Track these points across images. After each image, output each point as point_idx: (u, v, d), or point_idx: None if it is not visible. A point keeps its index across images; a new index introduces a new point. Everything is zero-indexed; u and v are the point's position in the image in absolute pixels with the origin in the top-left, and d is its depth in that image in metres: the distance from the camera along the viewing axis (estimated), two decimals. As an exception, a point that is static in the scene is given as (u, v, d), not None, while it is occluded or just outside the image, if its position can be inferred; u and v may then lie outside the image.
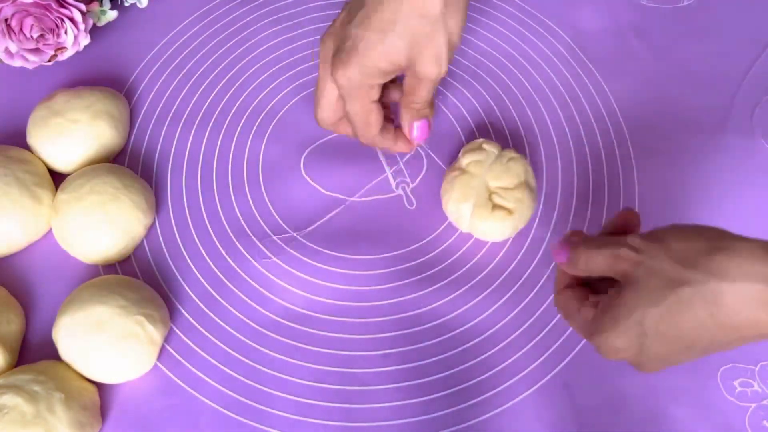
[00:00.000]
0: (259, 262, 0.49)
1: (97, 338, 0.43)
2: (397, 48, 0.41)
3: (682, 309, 0.32)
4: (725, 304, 0.31)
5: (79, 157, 0.52)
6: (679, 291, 0.32)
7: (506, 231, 0.48)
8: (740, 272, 0.31)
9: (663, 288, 0.32)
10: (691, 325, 0.32)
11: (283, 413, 0.44)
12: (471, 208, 0.48)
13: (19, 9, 0.53)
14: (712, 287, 0.31)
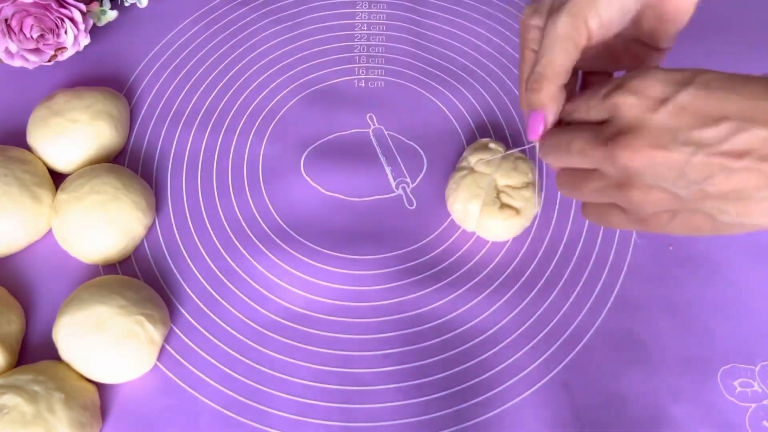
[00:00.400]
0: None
1: (97, 338, 0.43)
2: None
3: (741, 82, 0.30)
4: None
5: (79, 157, 0.52)
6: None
7: (513, 230, 0.49)
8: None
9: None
10: (741, 96, 0.30)
11: (283, 413, 0.44)
12: (479, 206, 0.48)
13: (19, 9, 0.53)
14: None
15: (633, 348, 0.46)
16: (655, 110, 0.30)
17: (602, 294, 0.48)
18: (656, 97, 0.30)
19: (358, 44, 0.60)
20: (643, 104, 0.31)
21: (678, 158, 0.30)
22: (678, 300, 0.48)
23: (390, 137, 0.55)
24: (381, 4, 0.62)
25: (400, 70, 0.59)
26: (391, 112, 0.56)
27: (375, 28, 0.61)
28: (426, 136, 0.55)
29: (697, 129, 0.30)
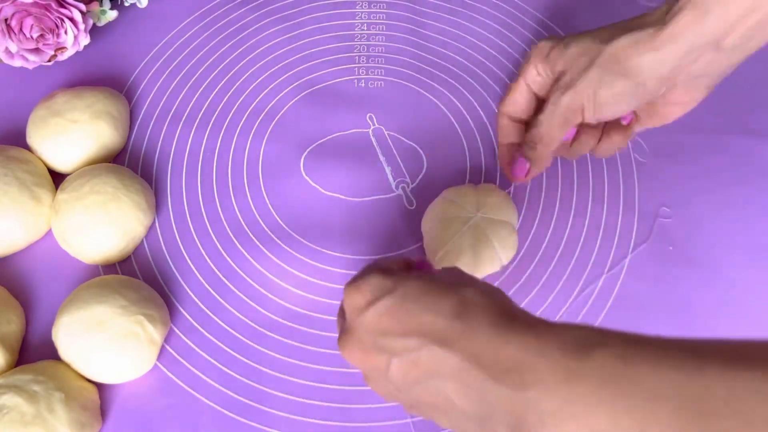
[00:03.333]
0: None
1: (97, 338, 0.43)
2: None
3: (444, 298, 0.32)
4: (472, 321, 0.31)
5: (79, 157, 0.52)
6: (456, 289, 0.32)
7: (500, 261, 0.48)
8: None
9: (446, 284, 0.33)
10: (436, 314, 0.31)
11: (283, 413, 0.44)
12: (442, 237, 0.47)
13: (19, 9, 0.53)
14: (468, 298, 0.32)
15: (633, 348, 0.46)
16: (362, 313, 0.33)
17: (602, 294, 0.48)
18: (366, 300, 0.33)
19: (358, 44, 0.60)
20: (356, 305, 0.33)
21: (380, 362, 0.32)
22: (678, 300, 0.48)
23: (390, 137, 0.55)
24: (381, 4, 0.62)
25: (400, 70, 0.59)
26: (391, 112, 0.56)
27: (375, 28, 0.61)
28: (426, 136, 0.55)
29: (391, 337, 0.32)
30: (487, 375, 0.28)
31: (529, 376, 0.27)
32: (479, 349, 0.29)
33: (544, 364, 0.27)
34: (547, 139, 0.43)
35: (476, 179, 0.53)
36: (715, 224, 0.51)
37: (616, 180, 0.53)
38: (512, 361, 0.28)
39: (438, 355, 0.30)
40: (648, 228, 0.51)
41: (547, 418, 0.26)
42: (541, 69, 0.43)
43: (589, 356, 0.26)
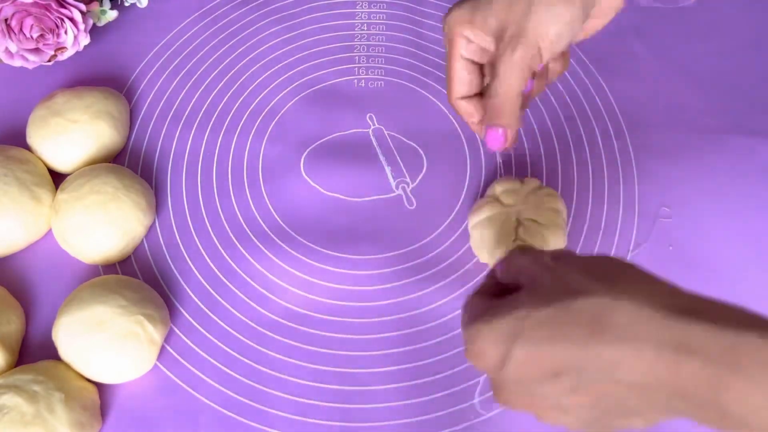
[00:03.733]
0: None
1: (97, 338, 0.43)
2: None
3: (568, 316, 0.30)
4: (611, 323, 0.29)
5: (79, 157, 0.52)
6: (574, 298, 0.30)
7: None
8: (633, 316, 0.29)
9: (560, 293, 0.31)
10: (567, 341, 0.30)
11: (283, 413, 0.44)
12: (494, 236, 0.46)
13: (19, 9, 0.53)
14: (605, 301, 0.29)
15: (633, 348, 0.46)
16: (502, 371, 0.31)
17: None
18: (498, 356, 0.31)
19: (358, 44, 0.60)
20: (490, 365, 0.32)
21: (546, 403, 0.31)
22: (678, 300, 0.48)
23: (390, 137, 0.55)
24: (381, 4, 0.62)
25: (400, 70, 0.59)
26: (391, 112, 0.56)
27: (375, 28, 0.61)
28: (426, 136, 0.55)
29: (539, 383, 0.31)
30: (659, 395, 0.28)
31: (726, 395, 0.26)
32: (630, 371, 0.28)
33: (741, 382, 0.26)
34: (511, 94, 0.40)
35: (476, 179, 0.53)
36: (715, 224, 0.51)
37: (616, 180, 0.53)
38: (696, 379, 0.27)
39: (593, 384, 0.29)
40: (648, 228, 0.51)
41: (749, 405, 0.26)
42: (471, 35, 0.41)
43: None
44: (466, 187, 0.53)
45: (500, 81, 0.40)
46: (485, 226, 0.47)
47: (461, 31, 0.41)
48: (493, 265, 0.37)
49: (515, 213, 0.47)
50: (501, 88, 0.40)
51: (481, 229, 0.47)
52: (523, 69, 0.40)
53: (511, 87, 0.40)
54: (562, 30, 0.39)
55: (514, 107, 0.41)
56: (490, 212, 0.47)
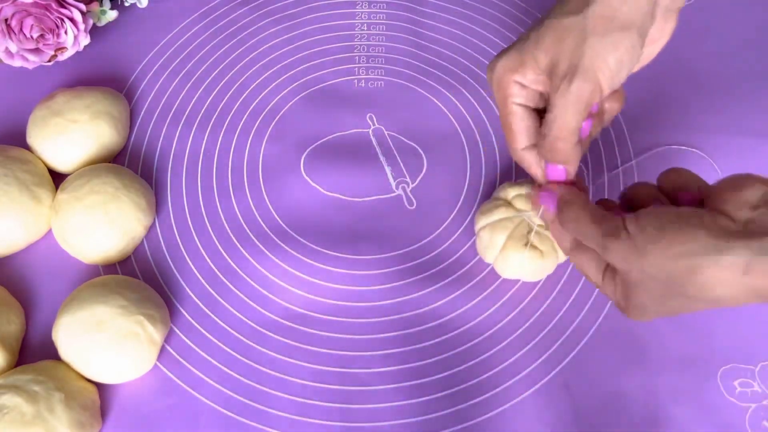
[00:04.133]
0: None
1: (97, 338, 0.43)
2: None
3: (688, 308, 0.34)
4: (723, 304, 0.33)
5: (79, 157, 0.52)
6: (679, 300, 0.33)
7: (531, 272, 0.47)
8: (726, 288, 0.31)
9: (663, 296, 0.34)
10: (702, 309, 0.34)
11: (283, 413, 0.44)
12: (505, 238, 0.46)
13: (19, 9, 0.53)
14: (707, 297, 0.32)
15: (633, 348, 0.46)
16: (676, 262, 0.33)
17: (602, 294, 0.48)
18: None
19: (358, 44, 0.60)
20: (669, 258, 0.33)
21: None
22: (678, 300, 0.48)
23: (390, 137, 0.55)
24: (381, 4, 0.62)
25: (400, 70, 0.59)
26: (391, 112, 0.56)
27: (375, 28, 0.61)
28: (426, 136, 0.55)
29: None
30: None
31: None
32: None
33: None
34: (567, 133, 0.38)
35: (476, 179, 0.53)
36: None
37: (617, 180, 0.53)
38: None
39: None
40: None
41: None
42: (524, 79, 0.39)
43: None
44: (466, 187, 0.53)
45: (554, 116, 0.37)
46: (496, 229, 0.47)
47: (512, 77, 0.39)
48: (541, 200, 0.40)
49: (527, 218, 0.47)
50: (555, 123, 0.38)
51: (491, 232, 0.47)
52: (580, 103, 0.37)
53: (566, 123, 0.37)
54: (623, 58, 0.36)
55: (570, 145, 0.38)
56: (501, 216, 0.47)
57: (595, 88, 0.37)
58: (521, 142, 0.40)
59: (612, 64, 0.36)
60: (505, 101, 0.40)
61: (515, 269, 0.47)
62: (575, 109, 0.37)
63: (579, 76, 0.36)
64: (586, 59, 0.36)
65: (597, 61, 0.36)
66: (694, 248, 0.32)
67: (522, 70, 0.38)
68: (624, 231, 0.34)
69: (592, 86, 0.36)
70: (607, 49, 0.36)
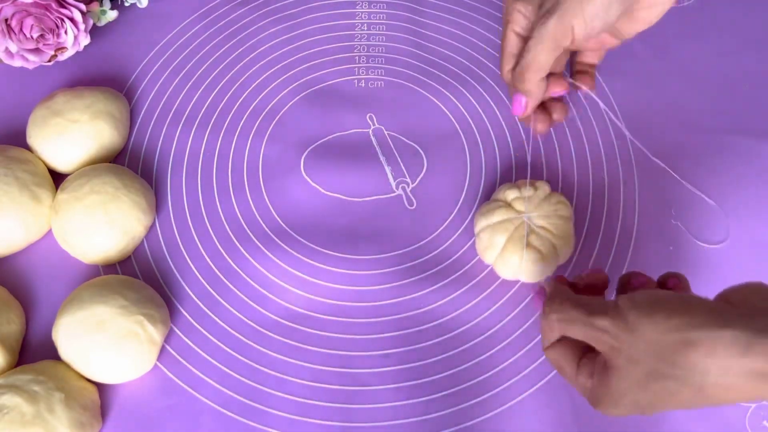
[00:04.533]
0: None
1: (97, 338, 0.43)
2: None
3: (671, 396, 0.31)
4: (710, 395, 0.30)
5: (79, 157, 0.52)
6: (664, 383, 0.31)
7: (531, 273, 0.47)
8: (720, 370, 0.29)
9: (648, 378, 0.32)
10: (684, 404, 0.32)
11: (283, 413, 0.44)
12: (505, 238, 0.46)
13: (19, 9, 0.53)
14: (696, 381, 0.30)
15: (633, 348, 0.46)
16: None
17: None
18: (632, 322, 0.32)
19: (358, 44, 0.60)
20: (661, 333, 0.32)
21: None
22: (678, 300, 0.48)
23: (390, 137, 0.55)
24: (381, 4, 0.62)
25: (400, 70, 0.59)
26: (391, 112, 0.56)
27: (375, 28, 0.61)
28: (426, 136, 0.55)
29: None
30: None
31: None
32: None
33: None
34: (536, 65, 0.42)
35: (476, 179, 0.53)
36: (716, 224, 0.51)
37: (617, 180, 0.53)
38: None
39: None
40: (648, 228, 0.51)
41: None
42: (523, 8, 0.43)
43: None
44: (466, 187, 0.53)
45: (528, 48, 0.42)
46: (496, 231, 0.47)
47: (515, 6, 0.43)
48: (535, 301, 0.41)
49: (527, 219, 0.46)
50: (528, 54, 0.42)
51: (492, 234, 0.47)
52: (552, 41, 0.41)
53: (536, 55, 0.42)
54: (597, 12, 0.40)
55: (535, 77, 0.43)
56: (501, 217, 0.47)
57: (566, 30, 0.41)
58: (508, 64, 0.45)
59: (587, 14, 0.40)
60: (506, 26, 0.44)
61: (515, 270, 0.47)
62: (546, 46, 0.41)
63: (555, 16, 0.40)
64: (566, 2, 0.40)
65: (575, 7, 0.40)
66: (692, 322, 0.30)
67: (524, 1, 0.43)
68: (613, 309, 0.33)
69: (564, 28, 0.41)
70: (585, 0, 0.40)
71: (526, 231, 0.46)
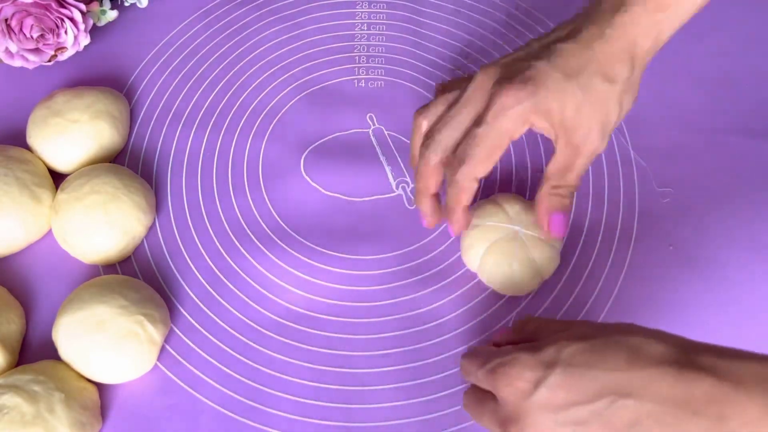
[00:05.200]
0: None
1: (97, 338, 0.43)
2: (575, 96, 0.38)
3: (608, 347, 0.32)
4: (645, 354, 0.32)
5: (79, 157, 0.52)
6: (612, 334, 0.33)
7: (511, 286, 0.47)
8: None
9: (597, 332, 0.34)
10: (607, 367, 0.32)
11: (283, 413, 0.44)
12: (487, 246, 0.46)
13: (19, 9, 0.53)
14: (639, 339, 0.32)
15: (633, 348, 0.46)
16: (530, 396, 0.32)
17: (602, 294, 0.48)
18: (529, 382, 0.33)
19: (358, 44, 0.60)
20: (519, 392, 0.33)
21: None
22: (678, 300, 0.48)
23: (390, 137, 0.55)
24: (381, 4, 0.62)
25: (400, 70, 0.59)
26: (391, 112, 0.56)
27: (375, 28, 0.61)
28: (426, 136, 0.55)
29: (574, 408, 0.31)
30: (685, 412, 0.29)
31: (729, 409, 0.29)
32: (670, 391, 0.30)
33: (742, 397, 0.29)
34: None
35: (476, 179, 0.53)
36: (716, 224, 0.51)
37: (617, 180, 0.53)
38: (708, 396, 0.29)
39: (630, 407, 0.30)
40: (648, 228, 0.51)
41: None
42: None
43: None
44: (466, 187, 0.53)
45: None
46: (482, 234, 0.47)
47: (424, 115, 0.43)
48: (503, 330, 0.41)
49: (521, 232, 0.46)
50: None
51: (478, 236, 0.47)
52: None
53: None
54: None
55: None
56: (493, 222, 0.47)
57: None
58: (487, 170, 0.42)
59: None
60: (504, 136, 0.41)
61: (493, 278, 0.47)
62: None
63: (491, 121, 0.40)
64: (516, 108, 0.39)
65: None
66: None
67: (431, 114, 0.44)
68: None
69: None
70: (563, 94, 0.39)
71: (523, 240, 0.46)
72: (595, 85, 0.39)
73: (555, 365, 0.32)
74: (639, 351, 0.31)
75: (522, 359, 0.33)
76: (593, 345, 0.32)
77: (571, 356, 0.32)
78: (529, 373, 0.33)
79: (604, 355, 0.32)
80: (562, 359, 0.32)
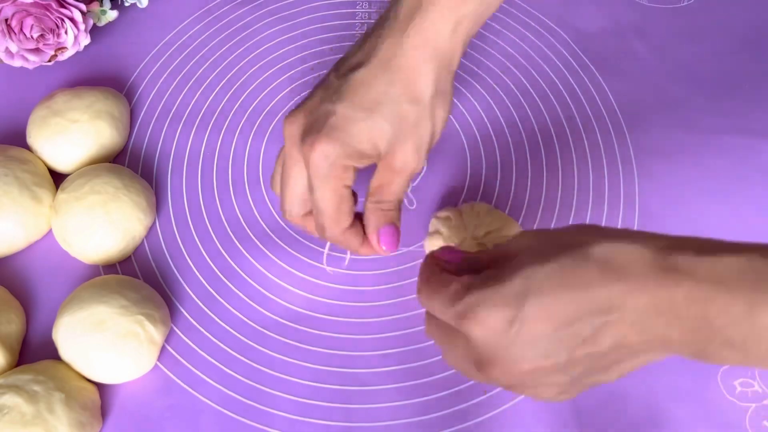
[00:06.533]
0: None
1: (97, 338, 0.43)
2: (383, 130, 0.37)
3: (578, 264, 0.30)
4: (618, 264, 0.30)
5: (79, 157, 0.52)
6: (579, 248, 0.30)
7: None
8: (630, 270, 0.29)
9: (561, 248, 0.31)
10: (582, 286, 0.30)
11: (283, 413, 0.44)
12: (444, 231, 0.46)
13: (19, 9, 0.53)
14: (608, 246, 0.30)
15: (633, 348, 0.46)
16: (506, 334, 0.30)
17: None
18: (503, 321, 0.30)
19: (358, 44, 0.60)
20: (493, 332, 0.30)
21: (547, 365, 0.30)
22: (678, 300, 0.48)
23: (390, 137, 0.55)
24: (381, 4, 0.62)
25: (400, 70, 0.59)
26: (391, 112, 0.56)
27: (375, 28, 0.61)
28: (426, 136, 0.55)
29: (554, 337, 0.30)
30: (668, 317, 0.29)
31: (712, 309, 0.28)
32: (650, 300, 0.29)
33: (724, 296, 0.28)
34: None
35: (476, 179, 0.53)
36: (715, 224, 0.51)
37: (617, 180, 0.53)
38: (689, 299, 0.28)
39: (613, 323, 0.29)
40: (648, 228, 0.51)
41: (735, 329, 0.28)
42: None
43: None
44: (466, 187, 0.53)
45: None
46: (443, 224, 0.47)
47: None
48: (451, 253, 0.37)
49: (470, 235, 0.47)
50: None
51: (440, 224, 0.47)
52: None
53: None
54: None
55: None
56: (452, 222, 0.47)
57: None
58: (348, 222, 0.41)
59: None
60: (338, 186, 0.39)
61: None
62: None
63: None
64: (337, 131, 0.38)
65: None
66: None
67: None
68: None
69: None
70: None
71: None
72: (401, 111, 0.37)
73: (526, 296, 0.30)
74: (611, 261, 0.29)
75: (488, 296, 0.31)
76: (561, 264, 0.30)
77: (541, 283, 0.30)
78: (500, 311, 0.30)
79: (575, 273, 0.29)
80: (533, 288, 0.30)
